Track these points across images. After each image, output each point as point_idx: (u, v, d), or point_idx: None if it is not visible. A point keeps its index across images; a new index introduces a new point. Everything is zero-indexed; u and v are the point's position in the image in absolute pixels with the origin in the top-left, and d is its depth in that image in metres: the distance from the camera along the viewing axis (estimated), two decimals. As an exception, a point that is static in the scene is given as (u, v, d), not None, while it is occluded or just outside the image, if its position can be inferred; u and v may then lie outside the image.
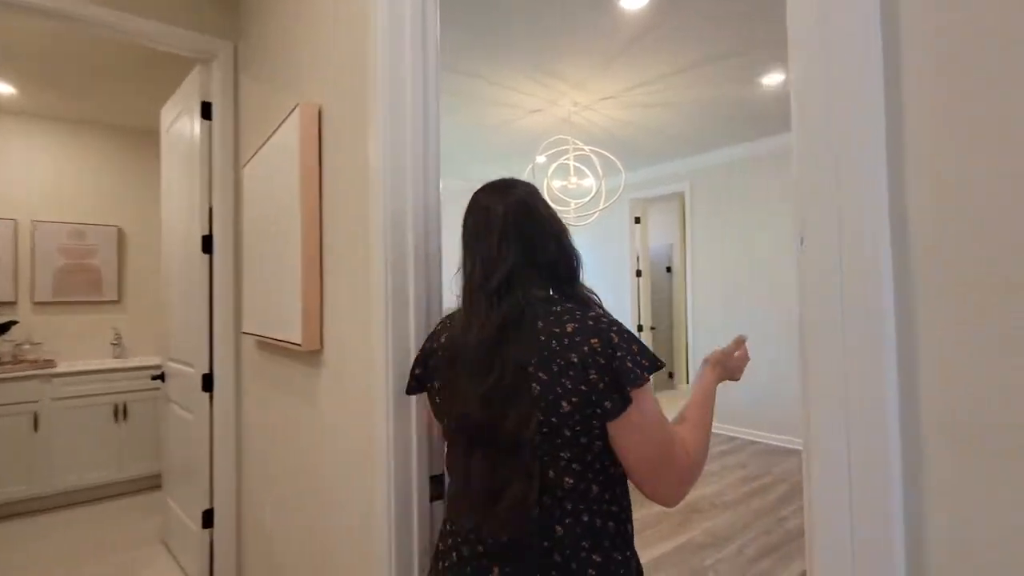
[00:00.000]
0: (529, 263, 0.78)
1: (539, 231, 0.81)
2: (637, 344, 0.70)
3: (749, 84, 3.08)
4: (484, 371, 0.72)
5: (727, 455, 3.87)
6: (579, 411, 0.68)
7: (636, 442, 0.69)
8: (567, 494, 0.70)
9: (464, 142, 4.12)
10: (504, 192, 0.84)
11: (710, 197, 4.61)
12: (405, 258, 1.03)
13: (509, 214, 0.80)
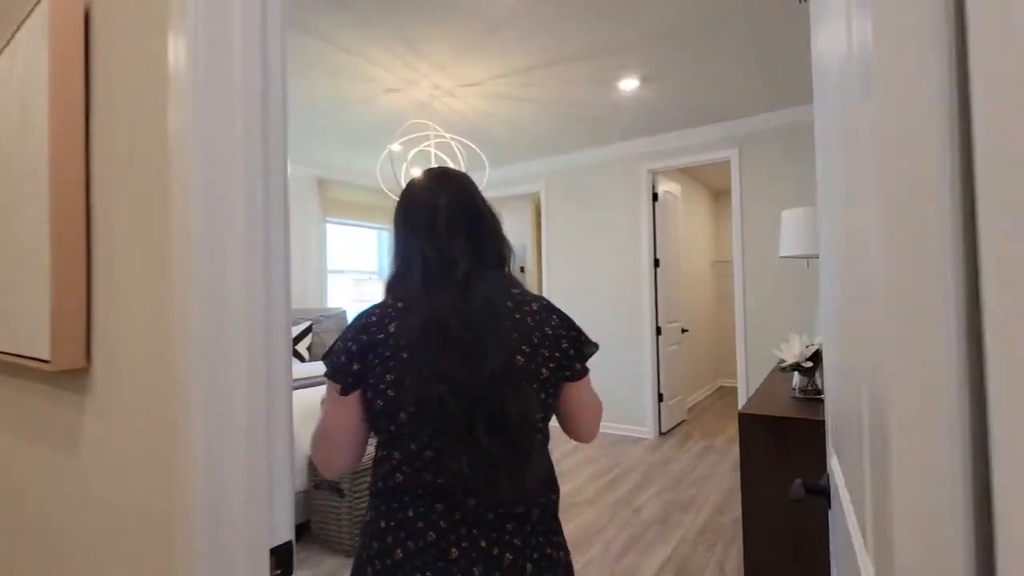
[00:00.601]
0: (478, 252, 0.83)
1: (482, 222, 0.86)
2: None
3: (607, 88, 3.16)
4: (480, 355, 0.75)
5: (579, 449, 3.97)
6: (554, 375, 0.80)
7: (585, 397, 0.86)
8: (536, 449, 0.79)
9: (304, 119, 3.60)
10: (445, 183, 0.88)
11: (565, 199, 4.73)
12: (224, 247, 0.70)
13: (457, 206, 0.85)
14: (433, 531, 0.75)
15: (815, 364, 1.73)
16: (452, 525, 0.76)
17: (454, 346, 0.74)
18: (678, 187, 4.85)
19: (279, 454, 0.73)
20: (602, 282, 4.51)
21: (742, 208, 3.87)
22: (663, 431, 4.33)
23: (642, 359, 4.29)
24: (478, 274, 0.80)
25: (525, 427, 0.75)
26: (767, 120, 3.70)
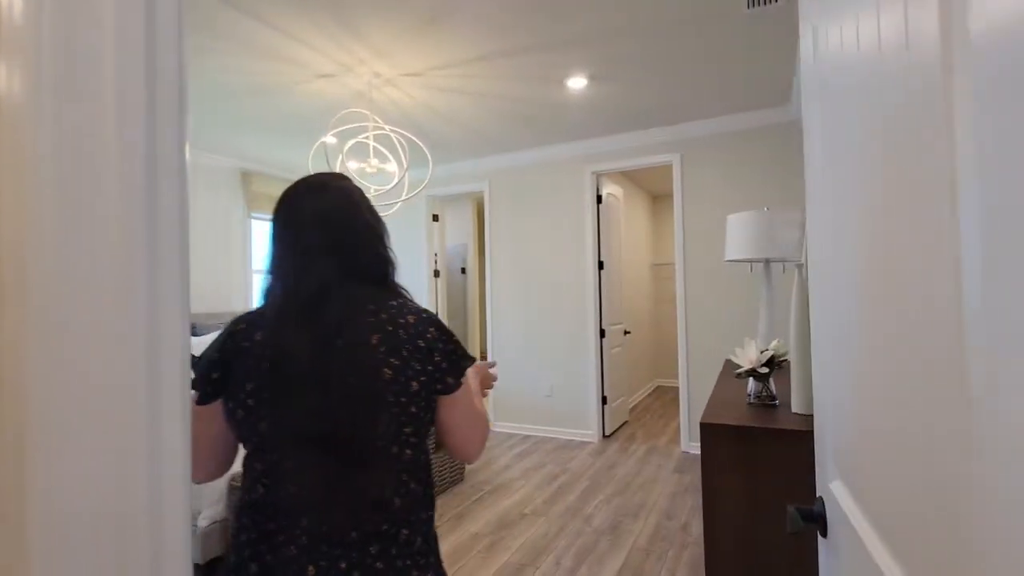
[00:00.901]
0: (348, 269, 0.81)
1: (355, 236, 0.84)
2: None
3: (555, 85, 3.08)
4: (323, 385, 0.74)
5: (526, 456, 3.87)
6: (425, 388, 0.78)
7: (461, 412, 0.82)
8: (405, 466, 0.78)
9: (225, 104, 3.26)
10: (317, 195, 0.85)
11: (509, 199, 4.62)
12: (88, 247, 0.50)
13: (326, 221, 0.82)
14: (294, 546, 0.73)
15: (771, 370, 1.72)
16: (313, 542, 0.73)
17: (296, 376, 0.74)
18: (620, 190, 4.88)
19: (171, 493, 0.54)
20: (546, 284, 4.44)
21: (684, 212, 3.92)
22: (607, 434, 4.33)
23: (586, 362, 4.26)
24: (338, 293, 0.78)
25: (372, 450, 0.75)
26: (709, 126, 3.77)
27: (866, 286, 0.59)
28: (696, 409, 3.87)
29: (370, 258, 0.85)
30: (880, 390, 0.57)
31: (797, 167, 3.52)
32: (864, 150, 0.59)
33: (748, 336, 3.62)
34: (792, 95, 3.31)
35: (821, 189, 0.81)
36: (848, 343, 0.68)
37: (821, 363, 0.85)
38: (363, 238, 0.85)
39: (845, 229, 0.68)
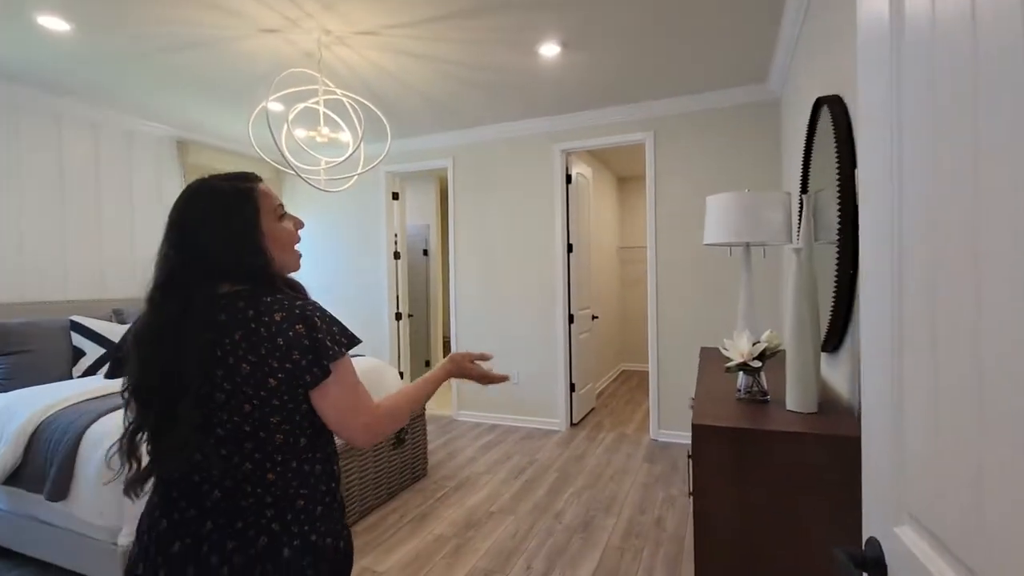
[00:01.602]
0: (206, 268, 0.86)
1: (208, 239, 0.87)
2: (337, 326, 0.88)
3: (525, 52, 2.84)
4: (158, 357, 0.83)
5: (492, 447, 3.71)
6: (285, 384, 0.83)
7: (331, 403, 0.87)
8: (278, 448, 0.85)
9: (154, 61, 2.86)
10: (181, 198, 0.91)
11: (474, 177, 4.37)
12: None
13: (175, 217, 0.89)
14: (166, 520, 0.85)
15: (763, 364, 1.59)
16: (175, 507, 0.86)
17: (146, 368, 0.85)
18: (589, 170, 4.71)
19: None
20: (513, 268, 4.24)
21: (656, 193, 3.78)
22: (575, 422, 4.21)
23: (554, 348, 4.11)
24: (174, 287, 0.85)
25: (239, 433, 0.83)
26: (683, 103, 3.62)
27: (990, 278, 0.42)
28: (666, 395, 3.79)
29: (231, 259, 0.87)
30: (1004, 417, 0.40)
31: (775, 147, 3.42)
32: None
33: (718, 322, 3.55)
34: (770, 73, 3.19)
35: (890, 173, 0.63)
36: (943, 351, 0.51)
37: (876, 375, 0.68)
38: (212, 240, 0.87)
39: (944, 219, 0.51)
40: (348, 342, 0.88)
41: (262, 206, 0.91)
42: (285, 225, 0.95)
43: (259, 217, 0.90)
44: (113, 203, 3.71)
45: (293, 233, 0.97)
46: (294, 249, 0.97)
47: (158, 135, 4.01)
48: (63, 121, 3.43)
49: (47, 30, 2.48)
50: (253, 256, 0.88)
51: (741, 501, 1.35)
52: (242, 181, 0.93)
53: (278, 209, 0.94)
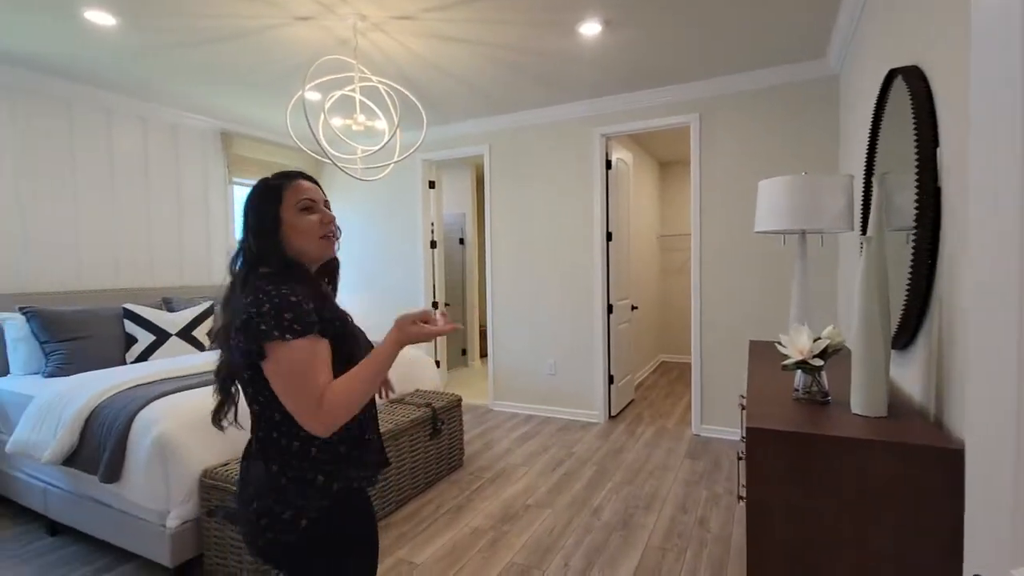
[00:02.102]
0: (243, 252, 1.04)
1: (243, 226, 1.05)
2: (292, 312, 0.92)
3: (565, 32, 2.73)
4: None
5: (528, 439, 3.66)
6: (243, 360, 0.95)
7: (277, 386, 0.94)
8: (256, 417, 1.02)
9: (197, 54, 2.89)
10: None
11: (511, 164, 4.28)
12: None
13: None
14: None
15: (825, 362, 1.46)
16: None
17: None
18: (630, 155, 4.54)
19: None
20: (550, 256, 4.16)
21: (701, 178, 3.61)
22: (613, 414, 4.12)
23: (592, 339, 4.02)
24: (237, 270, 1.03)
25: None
26: (732, 83, 3.42)
27: None
28: (709, 389, 3.64)
29: (256, 247, 1.01)
30: None
31: (832, 128, 3.19)
32: None
33: (767, 314, 3.37)
34: (829, 47, 2.96)
35: (1019, 161, 0.52)
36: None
37: (988, 395, 0.58)
38: (247, 231, 1.03)
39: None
40: (302, 329, 0.92)
41: (285, 200, 1.04)
42: (309, 217, 1.05)
43: (280, 210, 1.03)
44: (161, 194, 3.83)
45: (315, 224, 1.05)
46: (318, 238, 1.06)
47: (202, 127, 4.10)
48: (113, 116, 3.55)
49: (94, 24, 2.54)
50: (268, 245, 1.01)
51: (800, 511, 1.25)
52: (280, 179, 1.07)
53: (302, 203, 1.05)
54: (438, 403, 3.01)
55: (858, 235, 2.32)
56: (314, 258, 1.08)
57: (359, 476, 1.05)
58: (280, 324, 0.91)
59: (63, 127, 3.29)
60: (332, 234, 1.09)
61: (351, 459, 1.04)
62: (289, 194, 1.04)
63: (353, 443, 1.05)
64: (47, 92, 3.21)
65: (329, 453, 1.00)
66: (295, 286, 0.96)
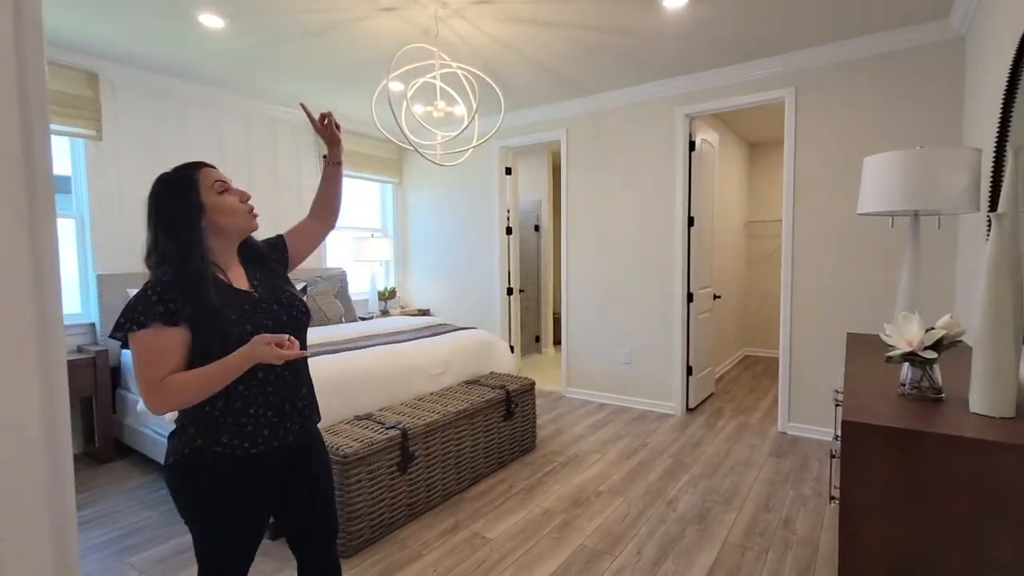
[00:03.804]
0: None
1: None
2: (140, 304, 1.01)
3: (647, 7, 2.62)
4: None
5: (601, 427, 3.62)
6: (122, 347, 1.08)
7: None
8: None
9: (292, 50, 3.09)
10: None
11: (588, 148, 4.21)
12: None
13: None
14: None
15: (939, 354, 1.31)
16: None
17: None
18: (716, 136, 4.30)
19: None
20: (627, 243, 4.05)
21: (796, 158, 3.35)
22: (691, 407, 3.97)
23: (671, 328, 3.88)
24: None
25: None
26: (833, 52, 3.12)
27: None
28: (798, 385, 3.41)
29: (157, 246, 1.10)
30: None
31: (956, 98, 2.84)
32: None
33: (867, 305, 3.07)
34: (954, 5, 2.62)
35: None
36: None
37: None
38: (156, 230, 1.12)
39: None
40: (145, 320, 0.99)
41: (201, 186, 1.10)
42: (228, 198, 1.13)
43: (200, 196, 1.10)
44: (261, 183, 4.16)
45: (236, 202, 1.14)
46: (245, 213, 1.16)
47: (297, 121, 4.39)
48: (222, 112, 3.89)
49: (206, 28, 2.79)
50: (187, 234, 1.08)
51: (902, 516, 1.14)
52: (185, 169, 1.13)
53: (217, 185, 1.12)
54: (512, 386, 3.05)
55: (985, 216, 2.05)
56: (240, 233, 1.17)
57: (231, 444, 1.09)
58: (130, 316, 1.00)
59: (180, 122, 3.66)
60: (253, 209, 1.19)
61: (224, 426, 1.09)
62: (202, 179, 1.11)
63: (232, 415, 1.10)
64: (173, 93, 3.58)
65: (204, 415, 1.09)
66: (172, 277, 1.04)
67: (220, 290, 1.10)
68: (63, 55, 3.07)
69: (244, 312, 1.12)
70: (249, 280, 1.20)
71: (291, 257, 1.35)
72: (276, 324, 1.17)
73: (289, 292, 1.25)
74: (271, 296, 1.20)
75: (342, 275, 4.34)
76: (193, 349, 1.06)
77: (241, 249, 1.23)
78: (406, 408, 2.65)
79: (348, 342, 3.05)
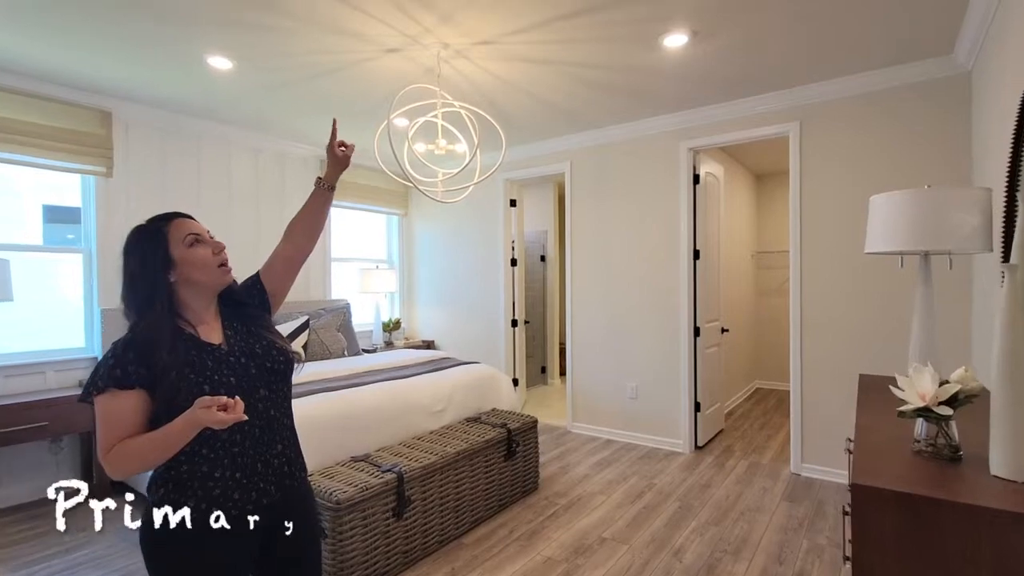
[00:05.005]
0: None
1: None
2: (105, 366, 0.99)
3: (649, 46, 2.63)
4: None
5: (607, 465, 3.52)
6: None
7: None
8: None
9: (298, 88, 3.15)
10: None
11: (593, 181, 4.21)
12: None
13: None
14: None
15: (955, 411, 1.24)
16: None
17: None
18: (720, 168, 4.29)
19: None
20: (633, 275, 4.01)
21: (801, 192, 3.31)
22: (699, 444, 3.85)
23: (677, 363, 3.80)
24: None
25: None
26: (838, 87, 3.11)
27: None
28: (812, 423, 3.29)
29: (127, 298, 1.09)
30: None
31: (963, 135, 2.80)
32: None
33: (881, 343, 2.98)
34: (958, 40, 2.60)
35: None
36: None
37: None
38: (125, 282, 1.10)
39: None
40: (104, 384, 0.97)
41: (171, 238, 1.08)
42: (199, 251, 1.10)
43: (169, 250, 1.07)
44: (269, 217, 4.20)
45: (209, 255, 1.10)
46: (216, 267, 1.12)
47: (304, 155, 4.45)
48: (231, 146, 3.96)
49: (215, 69, 2.85)
50: (152, 287, 1.06)
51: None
52: (158, 221, 1.11)
53: (188, 238, 1.09)
54: (513, 424, 2.98)
55: (998, 257, 1.99)
56: (214, 288, 1.13)
57: (199, 508, 1.03)
58: (92, 380, 1.00)
59: (193, 161, 3.73)
60: (227, 262, 1.14)
61: (191, 489, 1.04)
62: (173, 232, 1.08)
63: (199, 478, 1.04)
64: (183, 130, 3.66)
65: (172, 477, 1.05)
66: (131, 336, 1.02)
67: (184, 346, 1.05)
68: (78, 96, 3.16)
69: (207, 369, 1.06)
70: (224, 332, 1.15)
71: (271, 295, 1.28)
72: (242, 379, 1.10)
73: (267, 340, 1.19)
74: (243, 348, 1.14)
75: (346, 307, 4.32)
76: (157, 410, 1.02)
77: (222, 297, 1.19)
78: (404, 448, 2.58)
79: (347, 378, 3.01)
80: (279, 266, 1.30)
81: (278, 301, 1.32)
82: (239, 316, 1.21)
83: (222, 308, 1.20)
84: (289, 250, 1.31)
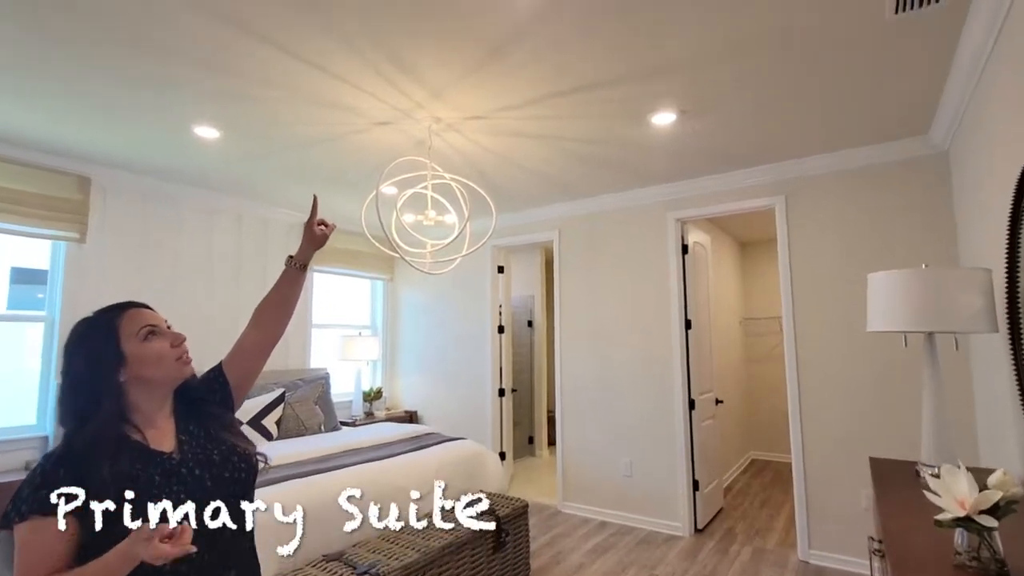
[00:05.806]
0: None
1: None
2: (26, 489, 0.85)
3: (638, 123, 2.68)
4: None
5: (603, 552, 3.26)
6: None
7: None
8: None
9: (280, 156, 3.12)
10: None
11: (582, 250, 4.20)
12: None
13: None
14: None
15: (999, 521, 1.12)
16: None
17: None
18: (708, 237, 4.33)
19: None
20: (624, 346, 3.91)
21: (791, 262, 3.31)
22: (699, 527, 3.62)
23: (673, 439, 3.63)
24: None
25: None
26: (822, 163, 3.19)
27: None
28: (817, 502, 3.11)
29: (64, 404, 0.96)
30: None
31: (944, 211, 2.85)
32: None
33: (886, 415, 2.87)
34: (934, 122, 2.70)
35: None
36: None
37: None
38: (64, 385, 0.99)
39: None
40: (27, 510, 0.83)
41: (122, 332, 0.97)
42: (155, 344, 0.98)
43: (119, 345, 0.95)
44: (250, 285, 4.06)
45: (166, 348, 0.99)
46: (174, 361, 1.00)
47: (289, 221, 4.39)
48: (213, 212, 3.88)
49: (201, 138, 2.82)
50: (97, 389, 0.94)
51: None
52: (108, 312, 1.00)
53: (143, 331, 0.98)
54: (503, 510, 2.75)
55: (1005, 337, 1.94)
56: (170, 384, 1.01)
57: None
58: (14, 504, 0.86)
59: (173, 226, 3.63)
60: (186, 354, 1.03)
61: None
62: (125, 325, 0.97)
63: None
64: (164, 195, 3.58)
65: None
66: (75, 445, 0.89)
67: (129, 457, 0.91)
68: (57, 161, 3.08)
69: (152, 485, 0.91)
70: (177, 436, 1.01)
71: (233, 389, 1.14)
72: (194, 494, 0.95)
73: (228, 444, 1.05)
74: (198, 456, 0.99)
75: (325, 377, 4.12)
76: (90, 537, 0.86)
77: (178, 392, 1.05)
78: (383, 543, 2.34)
79: (322, 460, 2.79)
80: (246, 355, 1.17)
81: (243, 393, 1.18)
82: (196, 415, 1.07)
83: (177, 406, 1.05)
84: (259, 338, 1.20)
